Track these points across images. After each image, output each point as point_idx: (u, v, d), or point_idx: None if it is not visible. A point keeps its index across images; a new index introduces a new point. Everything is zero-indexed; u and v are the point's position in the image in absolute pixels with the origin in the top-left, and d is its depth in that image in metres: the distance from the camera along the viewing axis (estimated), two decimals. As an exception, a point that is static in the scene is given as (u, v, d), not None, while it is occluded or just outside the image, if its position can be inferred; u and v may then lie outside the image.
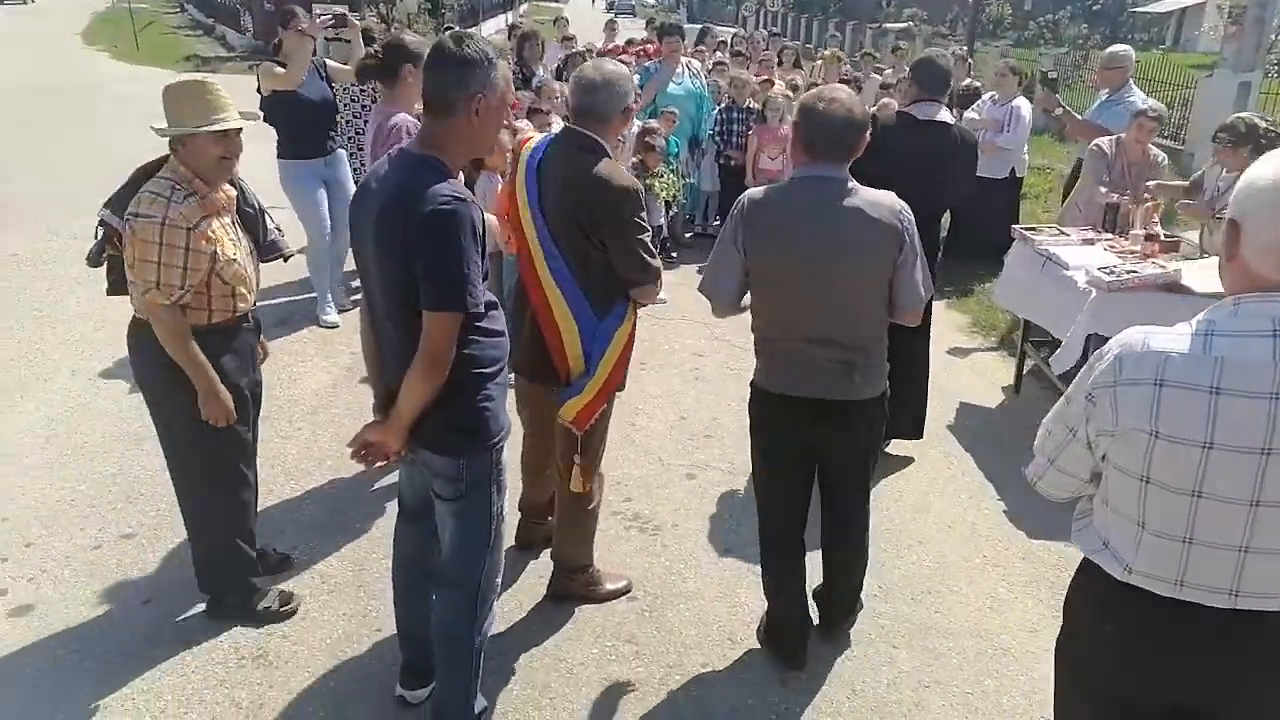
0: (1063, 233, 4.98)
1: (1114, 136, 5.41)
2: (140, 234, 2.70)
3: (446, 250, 2.11)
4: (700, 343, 6.08)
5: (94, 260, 3.07)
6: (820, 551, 3.14)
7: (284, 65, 5.51)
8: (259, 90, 5.59)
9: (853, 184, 2.65)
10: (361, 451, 2.39)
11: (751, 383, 2.96)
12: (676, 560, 3.70)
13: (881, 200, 2.65)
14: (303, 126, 5.70)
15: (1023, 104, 7.24)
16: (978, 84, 8.20)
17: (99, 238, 2.99)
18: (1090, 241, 4.83)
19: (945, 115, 4.06)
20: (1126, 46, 7.27)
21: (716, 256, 2.81)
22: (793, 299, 2.71)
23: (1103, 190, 5.04)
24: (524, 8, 52.25)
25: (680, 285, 7.14)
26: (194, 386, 2.84)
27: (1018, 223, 7.96)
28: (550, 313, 2.99)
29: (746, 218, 2.71)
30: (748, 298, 2.83)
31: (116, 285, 3.02)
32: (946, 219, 8.24)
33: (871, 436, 2.95)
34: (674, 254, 7.82)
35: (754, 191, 2.77)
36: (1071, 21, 31.38)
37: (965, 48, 12.13)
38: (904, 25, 32.22)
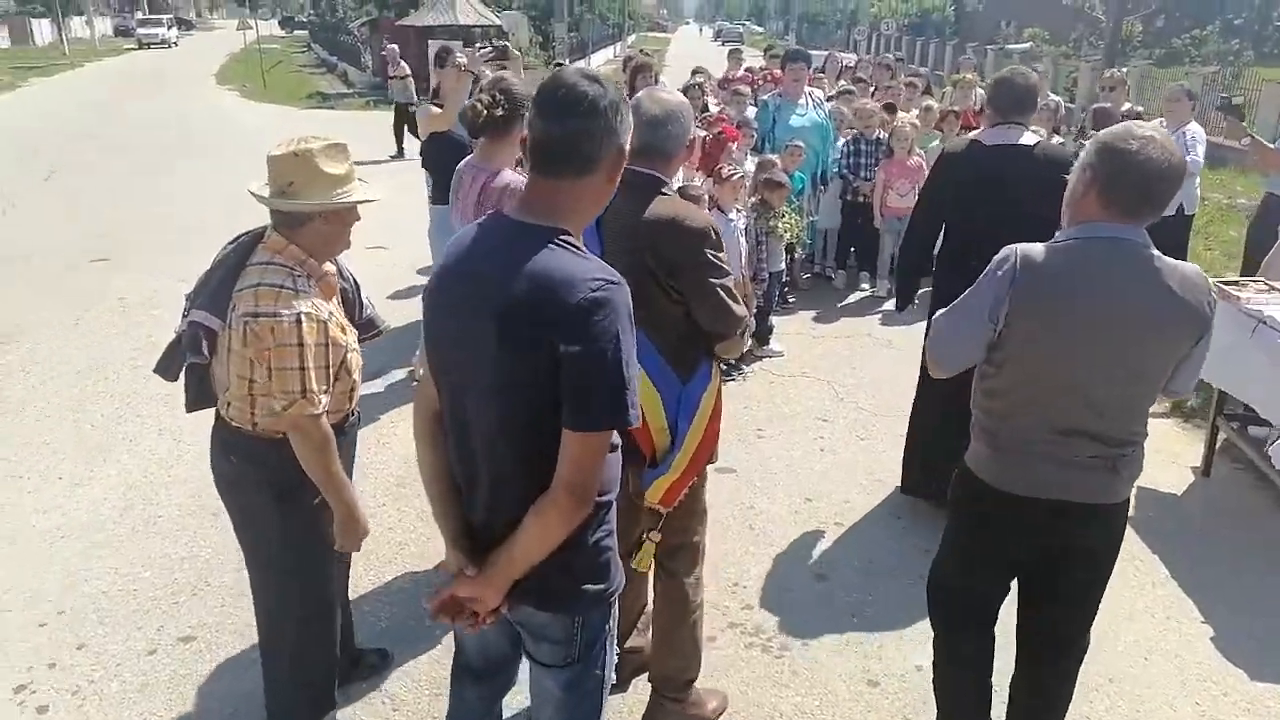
0: (1272, 288, 4.16)
1: None
2: (277, 336, 2.25)
3: (604, 350, 1.62)
4: (825, 404, 5.44)
5: (170, 371, 2.55)
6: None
7: (441, 106, 5.31)
8: (416, 134, 5.38)
9: (1154, 250, 2.12)
10: (446, 612, 1.84)
11: (965, 476, 2.40)
12: (810, 694, 3.08)
13: (1189, 276, 2.13)
14: (449, 169, 5.41)
15: (1198, 130, 6.35)
16: (1139, 109, 7.32)
17: (186, 344, 2.42)
18: (1311, 300, 4.00)
19: (1028, 138, 3.62)
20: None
21: (957, 320, 2.29)
22: (1064, 384, 2.17)
23: None
24: (631, 39, 52.75)
25: (799, 335, 6.56)
26: (309, 508, 2.44)
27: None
28: None
29: (1019, 285, 2.14)
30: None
31: (199, 398, 2.54)
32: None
33: (1118, 547, 2.38)
34: (791, 299, 7.22)
35: (1028, 251, 2.17)
36: (1221, 37, 29.26)
37: (1115, 71, 11.09)
38: (1026, 45, 30.76)
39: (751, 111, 7.38)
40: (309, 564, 2.55)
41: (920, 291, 4.24)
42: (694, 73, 8.79)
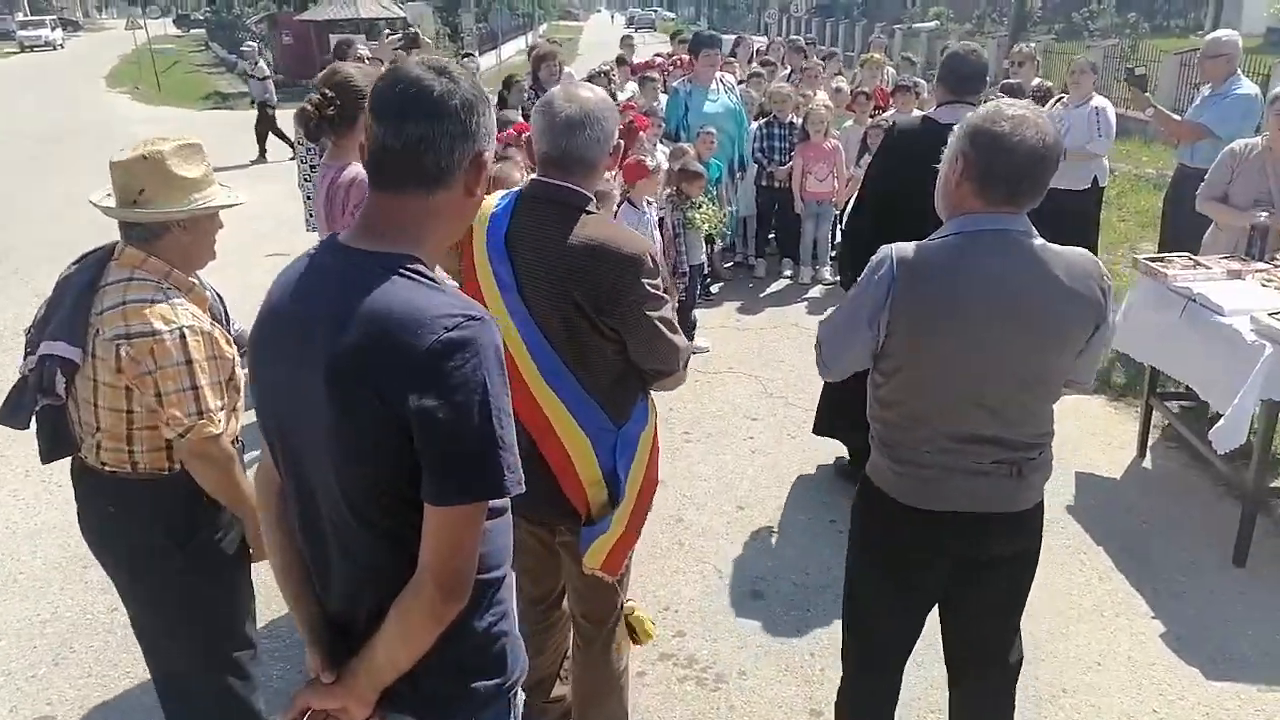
0: (1198, 263, 4.05)
1: (1251, 140, 4.44)
2: (159, 357, 1.97)
3: (466, 404, 1.29)
4: (753, 402, 5.21)
5: (18, 418, 2.11)
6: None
7: None
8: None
9: (1038, 239, 1.96)
10: None
11: (867, 488, 2.20)
12: (749, 731, 2.84)
13: (1079, 263, 1.96)
14: None
15: (1107, 104, 6.29)
16: (1049, 83, 7.26)
17: (36, 384, 2.04)
18: (1237, 274, 3.90)
19: None
20: (1231, 31, 6.31)
21: (840, 328, 2.11)
22: (958, 391, 1.99)
23: (1262, 214, 4.07)
24: (543, 28, 51.98)
25: (723, 329, 6.32)
26: (211, 544, 2.19)
27: (1098, 237, 7.13)
28: (550, 430, 2.18)
29: (898, 288, 1.95)
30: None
31: (56, 446, 2.16)
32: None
33: (1037, 554, 2.21)
34: (714, 290, 6.99)
35: (904, 251, 1.98)
36: (1116, 10, 30.12)
37: (1024, 46, 11.14)
38: (933, 25, 31.19)
39: (663, 99, 7.10)
40: (224, 606, 2.27)
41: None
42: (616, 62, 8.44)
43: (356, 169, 2.97)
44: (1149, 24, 29.62)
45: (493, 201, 2.22)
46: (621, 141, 2.20)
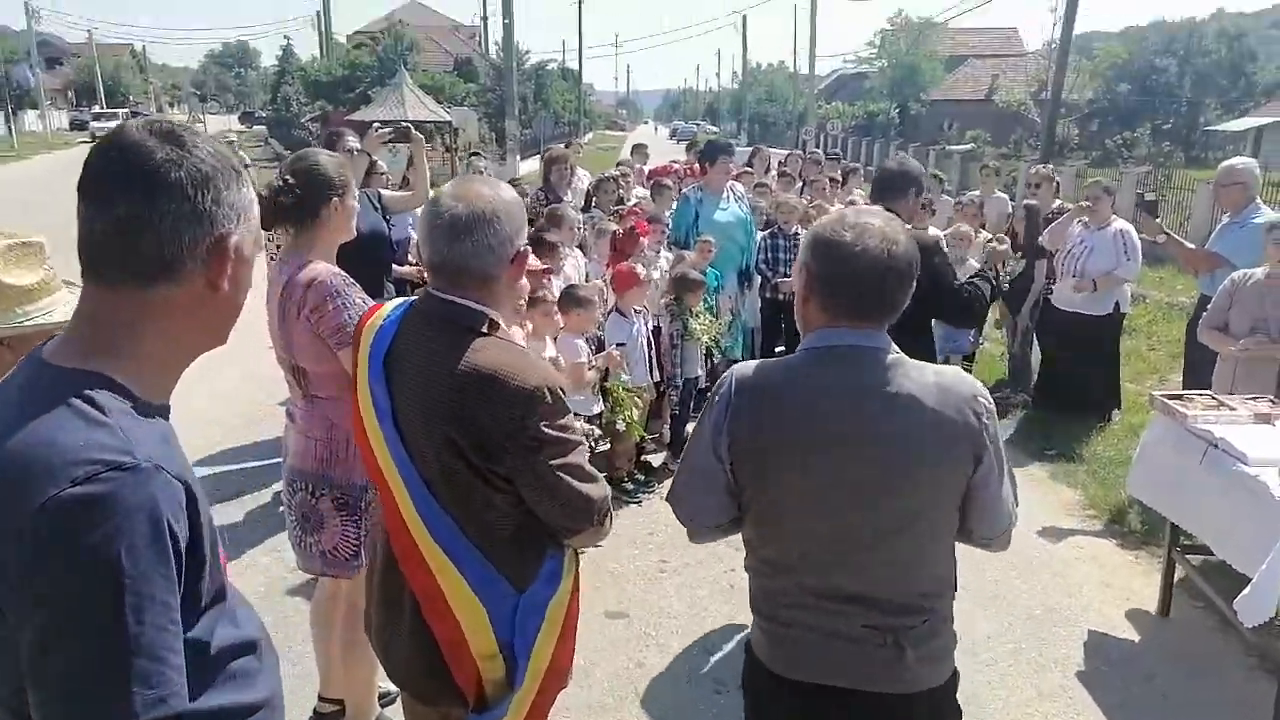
0: (1222, 403, 3.69)
1: (1253, 269, 4.18)
2: None
3: (83, 592, 0.96)
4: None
5: None
6: None
7: None
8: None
9: (897, 356, 1.73)
10: None
11: (748, 654, 1.90)
12: None
13: (947, 384, 1.71)
14: (348, 264, 4.83)
15: (1130, 228, 6.04)
16: (1069, 206, 7.04)
17: None
18: (1265, 418, 3.53)
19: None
20: (1249, 159, 6.11)
21: (690, 465, 1.84)
22: (811, 537, 1.74)
23: (1263, 338, 3.77)
24: (589, 136, 53.71)
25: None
26: None
27: (1119, 364, 6.76)
28: (438, 594, 1.83)
29: (735, 413, 1.73)
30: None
31: None
32: (1036, 360, 7.04)
33: None
34: (715, 405, 6.68)
35: (744, 372, 1.78)
36: (1152, 140, 30.33)
37: (1040, 166, 11.03)
38: (968, 146, 31.56)
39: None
40: None
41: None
42: (617, 164, 8.41)
43: (319, 268, 2.75)
44: (1185, 154, 29.72)
45: (388, 309, 1.98)
46: (527, 248, 1.95)
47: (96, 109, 56.37)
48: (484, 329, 1.81)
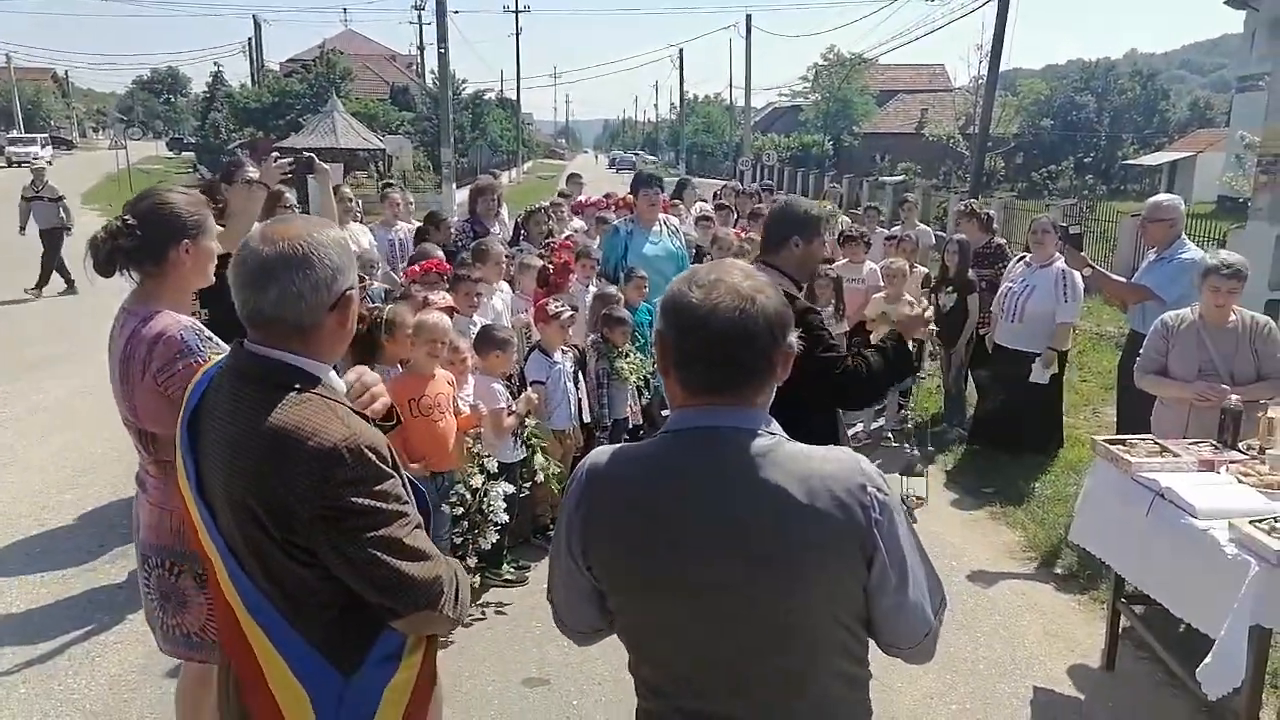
0: (1165, 449, 3.56)
1: (1181, 311, 4.10)
2: None
3: None
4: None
5: None
6: None
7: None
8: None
9: (771, 440, 1.44)
10: None
11: None
12: None
13: (828, 471, 1.41)
14: (225, 310, 4.42)
15: (1074, 274, 5.97)
16: (1001, 241, 7.02)
17: None
18: (1209, 465, 3.41)
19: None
20: (1174, 196, 6.13)
21: (554, 559, 1.59)
22: (682, 650, 1.48)
23: (1233, 396, 3.63)
24: (528, 165, 53.50)
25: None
26: None
27: (1061, 402, 6.69)
28: (258, 675, 1.59)
29: (587, 510, 1.49)
30: None
31: None
32: (971, 395, 6.94)
33: None
34: (648, 445, 6.42)
35: (598, 460, 1.52)
36: (1075, 173, 31.32)
37: (971, 201, 11.15)
38: (900, 178, 32.16)
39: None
40: None
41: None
42: (560, 193, 8.18)
43: (166, 321, 2.42)
44: (1106, 187, 30.72)
45: (211, 364, 1.73)
46: (353, 290, 1.67)
47: (14, 134, 54.34)
48: (297, 386, 1.57)
